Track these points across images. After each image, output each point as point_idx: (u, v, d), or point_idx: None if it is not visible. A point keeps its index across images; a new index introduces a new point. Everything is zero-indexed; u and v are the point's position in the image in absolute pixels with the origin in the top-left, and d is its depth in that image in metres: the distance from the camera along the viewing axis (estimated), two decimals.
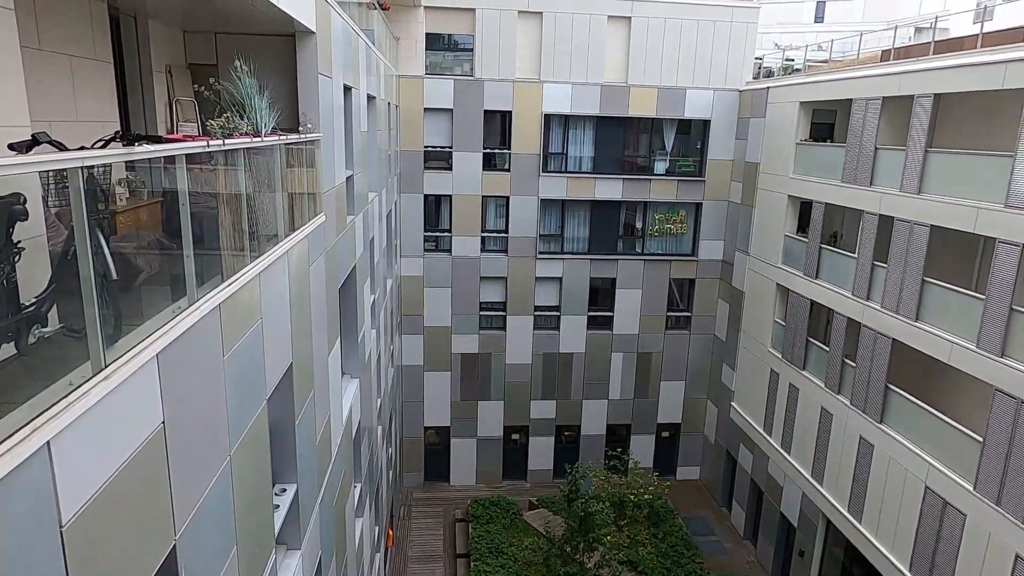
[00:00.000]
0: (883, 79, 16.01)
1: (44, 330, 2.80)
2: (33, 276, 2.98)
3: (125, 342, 3.30)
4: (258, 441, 5.71)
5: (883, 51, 18.48)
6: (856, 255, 16.85)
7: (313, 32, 8.05)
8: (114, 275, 3.18)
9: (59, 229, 3.22)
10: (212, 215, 4.97)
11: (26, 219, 2.57)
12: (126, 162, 3.72)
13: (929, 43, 16.14)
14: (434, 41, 22.08)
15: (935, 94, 14.38)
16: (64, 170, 2.78)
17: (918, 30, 26.97)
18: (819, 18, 52.17)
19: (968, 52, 14.03)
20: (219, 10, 7.19)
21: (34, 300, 2.76)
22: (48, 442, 2.51)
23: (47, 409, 2.57)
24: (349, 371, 11.91)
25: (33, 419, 2.47)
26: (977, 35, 14.39)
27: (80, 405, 2.75)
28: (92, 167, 2.96)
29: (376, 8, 15.67)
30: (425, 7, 21.34)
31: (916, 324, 14.71)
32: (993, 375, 12.64)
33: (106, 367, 2.99)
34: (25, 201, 2.57)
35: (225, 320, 4.67)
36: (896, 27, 18.93)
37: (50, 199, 3.07)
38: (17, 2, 4.63)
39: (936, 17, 18.32)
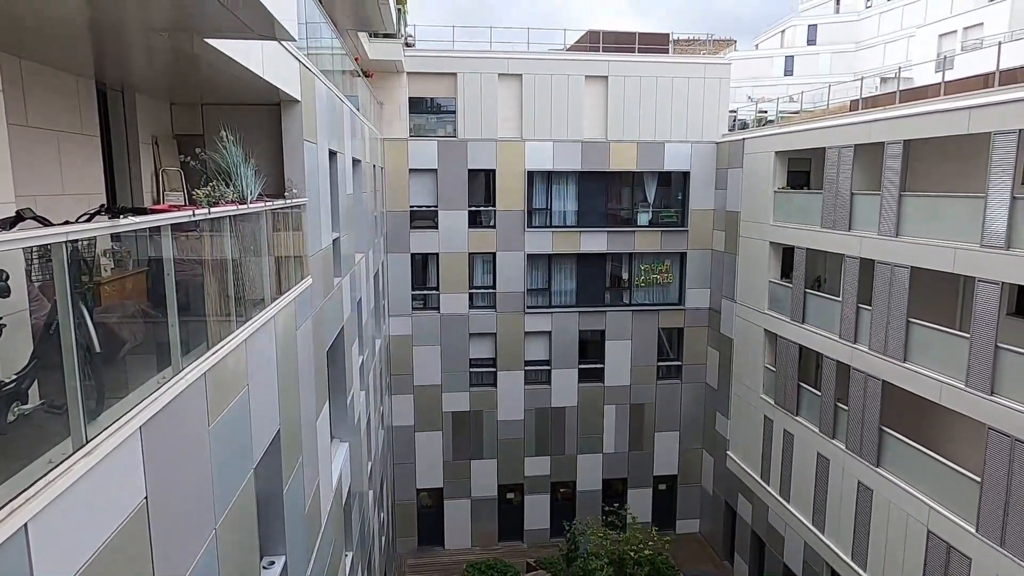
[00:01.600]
0: (853, 127, 16.53)
1: (24, 407, 2.75)
2: (14, 352, 2.94)
3: (108, 416, 3.24)
4: (245, 512, 5.56)
5: (852, 101, 19.15)
6: (840, 298, 17.03)
7: (298, 101, 8.24)
8: (97, 348, 3.15)
9: (43, 303, 3.20)
10: (198, 282, 4.97)
11: (7, 296, 2.56)
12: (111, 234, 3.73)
13: (895, 92, 16.76)
14: (417, 104, 22.63)
15: (904, 140, 14.84)
16: (48, 245, 2.78)
17: (883, 80, 28.08)
18: (788, 71, 54.12)
19: (932, 100, 14.56)
20: (205, 83, 7.35)
21: (15, 377, 2.72)
22: (25, 524, 2.44)
23: (24, 490, 2.50)
24: (338, 435, 11.71)
25: (9, 501, 2.40)
26: (940, 83, 14.98)
27: (60, 484, 2.68)
28: (76, 241, 2.97)
29: (360, 76, 16.11)
30: (408, 73, 21.95)
31: (905, 365, 14.76)
32: (985, 413, 12.64)
33: (87, 443, 2.93)
34: (7, 277, 2.56)
35: (210, 389, 4.61)
36: (862, 78, 19.68)
37: (34, 272, 3.07)
38: (5, 81, 4.73)
39: (899, 68, 19.08)
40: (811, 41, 54.27)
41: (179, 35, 4.97)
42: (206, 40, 5.05)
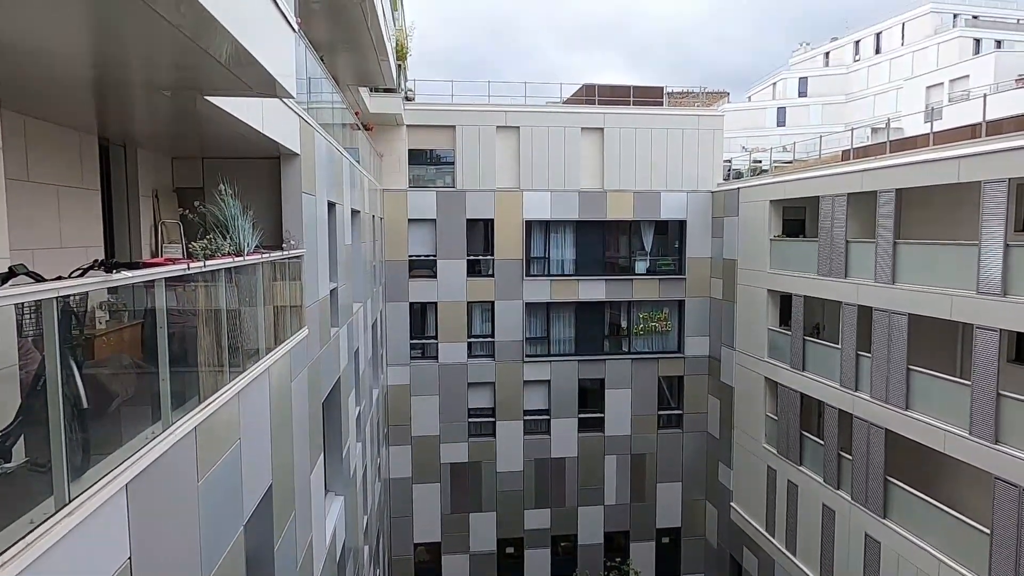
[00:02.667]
0: (846, 177, 16.78)
1: (6, 465, 2.71)
2: (1, 406, 2.91)
3: (93, 473, 3.18)
4: (234, 571, 5.41)
5: (843, 151, 19.50)
6: (840, 346, 16.97)
7: (297, 154, 8.39)
8: (85, 404, 3.12)
9: (33, 356, 3.19)
10: (192, 334, 4.96)
11: None
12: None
13: (885, 142, 17.07)
14: (417, 156, 23.01)
15: (896, 189, 15.04)
16: (39, 301, 2.79)
17: (874, 130, 28.63)
18: (781, 122, 55.28)
19: (922, 150, 14.82)
20: (206, 137, 7.49)
21: None
22: None
23: (3, 552, 2.44)
24: (333, 488, 11.49)
25: None
26: (929, 134, 15.27)
27: (40, 544, 2.62)
28: (68, 297, 2.98)
29: (360, 129, 16.44)
30: (407, 126, 22.40)
31: (907, 413, 14.61)
32: (991, 463, 12.45)
33: (70, 502, 2.88)
34: None
35: (201, 443, 4.55)
36: (853, 129, 20.09)
37: (26, 325, 3.06)
38: (8, 138, 4.81)
39: (889, 119, 19.47)
40: (802, 93, 55.63)
41: (181, 93, 5.10)
42: (207, 98, 5.17)
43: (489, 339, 23.33)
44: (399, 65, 19.26)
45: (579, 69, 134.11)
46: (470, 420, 23.30)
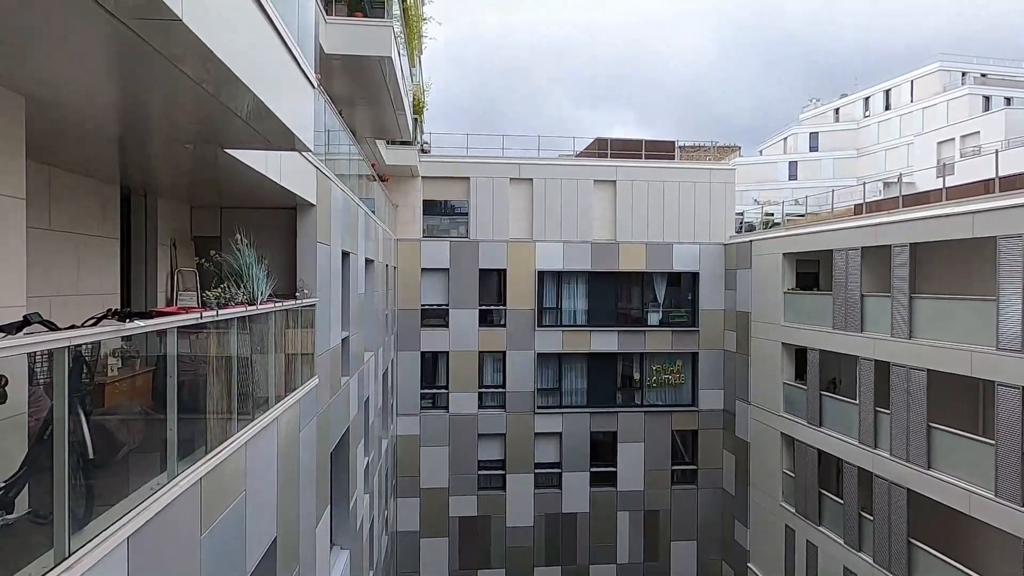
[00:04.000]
0: (859, 231, 16.76)
1: (8, 516, 2.67)
2: (6, 458, 2.90)
3: (95, 526, 3.14)
4: None
5: (856, 204, 19.53)
6: (857, 401, 16.64)
7: (313, 204, 8.53)
8: (91, 454, 3.10)
9: (43, 403, 3.19)
10: (202, 381, 4.95)
11: (4, 402, 2.55)
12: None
13: (898, 197, 17.10)
14: (431, 207, 23.33)
15: (910, 243, 14.98)
16: (52, 350, 2.80)
17: (886, 184, 28.74)
18: (792, 176, 55.68)
19: (935, 204, 14.82)
20: (225, 188, 7.65)
21: (2, 485, 2.67)
22: None
23: None
24: (339, 542, 11.25)
25: None
26: (941, 189, 15.29)
27: None
28: (80, 346, 2.99)
29: (376, 180, 16.74)
30: (423, 177, 22.80)
31: (929, 473, 14.19)
32: (1019, 526, 11.99)
33: (70, 555, 2.82)
34: (6, 383, 2.57)
35: (205, 495, 4.49)
36: (864, 183, 20.17)
37: (38, 372, 3.07)
38: (32, 189, 4.93)
39: (900, 174, 19.55)
40: (813, 147, 56.18)
41: (203, 146, 5.23)
42: (227, 150, 5.30)
43: (500, 389, 23.13)
44: (415, 119, 19.72)
45: (590, 123, 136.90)
46: (480, 472, 22.91)
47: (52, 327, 2.95)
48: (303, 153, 7.68)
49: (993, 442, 12.72)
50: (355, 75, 11.97)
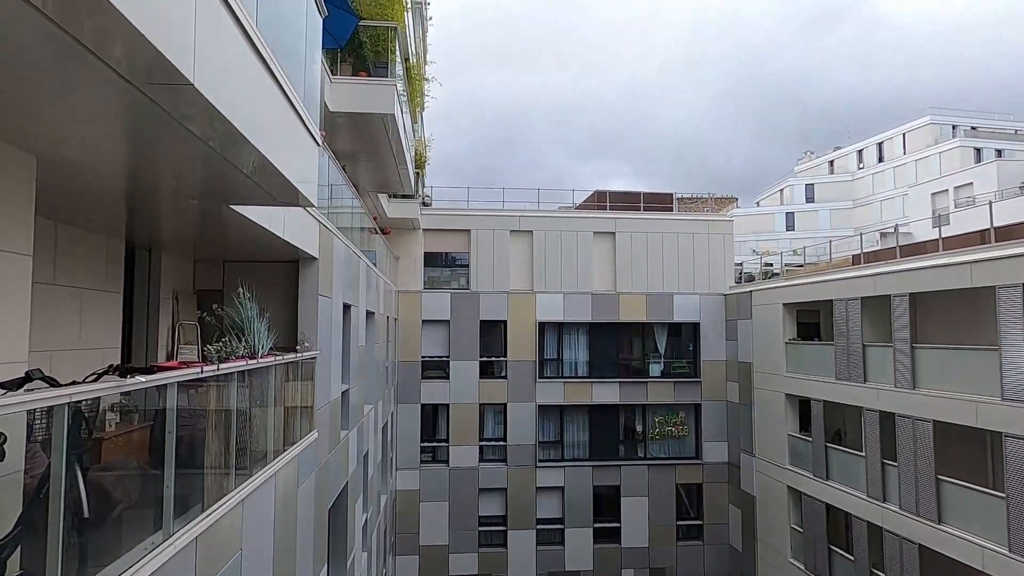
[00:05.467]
0: (858, 281, 16.83)
1: None
2: (1, 515, 2.86)
3: None
4: None
5: (854, 255, 19.68)
6: (864, 453, 16.39)
7: (316, 258, 8.61)
8: (86, 513, 3.05)
9: (40, 459, 3.16)
10: (200, 436, 4.91)
11: (2, 459, 2.53)
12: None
13: (895, 247, 17.24)
14: (432, 258, 23.51)
15: (909, 293, 15.03)
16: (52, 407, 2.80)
17: (883, 235, 29.00)
18: (790, 226, 56.23)
19: (933, 255, 14.93)
20: (229, 242, 7.74)
21: None
22: None
23: None
24: None
25: None
26: (938, 239, 15.43)
27: None
28: (80, 402, 2.99)
29: (378, 232, 16.92)
30: (424, 229, 23.05)
31: (940, 527, 13.87)
32: None
33: None
34: (5, 440, 2.55)
35: (201, 554, 4.39)
36: (861, 234, 20.38)
37: (36, 428, 3.05)
38: (40, 245, 5.00)
39: (897, 225, 19.76)
40: (809, 199, 56.93)
41: (208, 202, 5.33)
42: (232, 206, 5.38)
43: (501, 442, 22.82)
44: (417, 173, 20.07)
45: (588, 177, 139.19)
46: (480, 529, 22.39)
47: (53, 383, 2.95)
48: (306, 208, 7.80)
49: (1003, 495, 12.47)
50: (359, 131, 12.25)
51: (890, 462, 15.48)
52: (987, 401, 12.83)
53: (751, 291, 22.23)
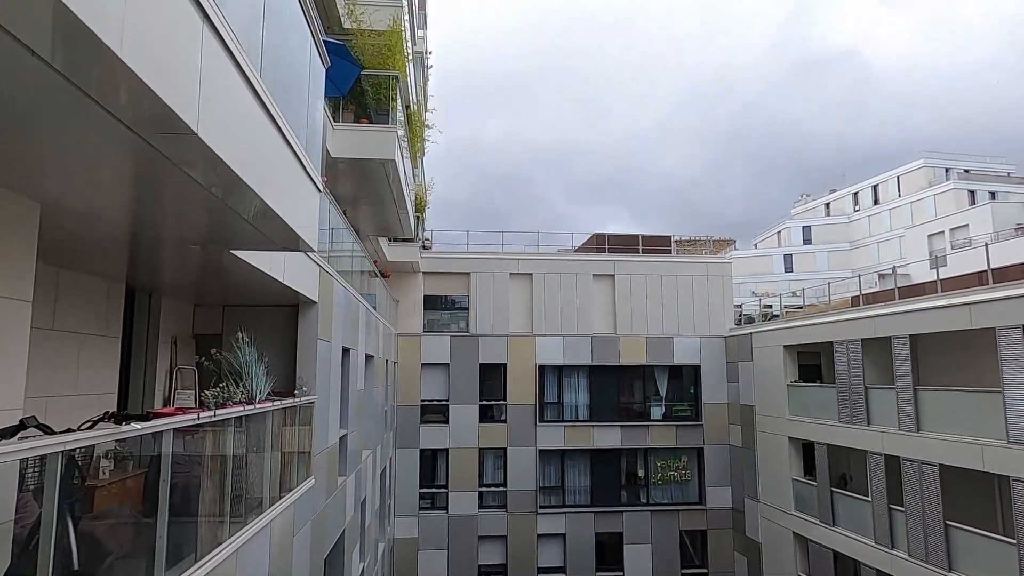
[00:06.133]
0: (858, 322, 16.81)
1: None
2: None
3: None
4: None
5: (853, 297, 19.70)
6: (870, 498, 16.11)
7: (315, 302, 8.61)
8: (76, 564, 2.98)
9: (31, 508, 3.10)
10: (195, 483, 4.83)
11: None
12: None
13: (893, 289, 17.28)
14: (432, 301, 23.52)
15: (909, 335, 14.99)
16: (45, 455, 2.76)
17: (881, 276, 29.10)
18: (788, 268, 56.45)
19: (931, 296, 14.95)
20: (229, 286, 7.75)
21: None
22: None
23: None
24: None
25: None
26: (936, 281, 15.47)
27: None
28: (74, 450, 2.95)
29: (378, 276, 16.97)
30: (424, 272, 23.13)
31: (951, 575, 13.52)
32: None
33: None
34: None
35: None
36: (860, 276, 20.44)
37: (29, 476, 3.01)
38: (40, 291, 5.01)
39: (895, 266, 19.84)
40: (806, 241, 57.32)
41: (209, 247, 5.36)
42: (233, 251, 5.42)
43: (501, 488, 22.44)
44: (417, 217, 20.25)
45: (587, 220, 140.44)
46: None
47: (47, 431, 2.92)
48: (307, 252, 7.85)
49: (1014, 541, 12.21)
50: (360, 176, 12.40)
51: (897, 507, 15.20)
52: (993, 444, 12.68)
53: (751, 333, 22.18)
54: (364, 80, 11.66)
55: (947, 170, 50.29)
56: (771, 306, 27.41)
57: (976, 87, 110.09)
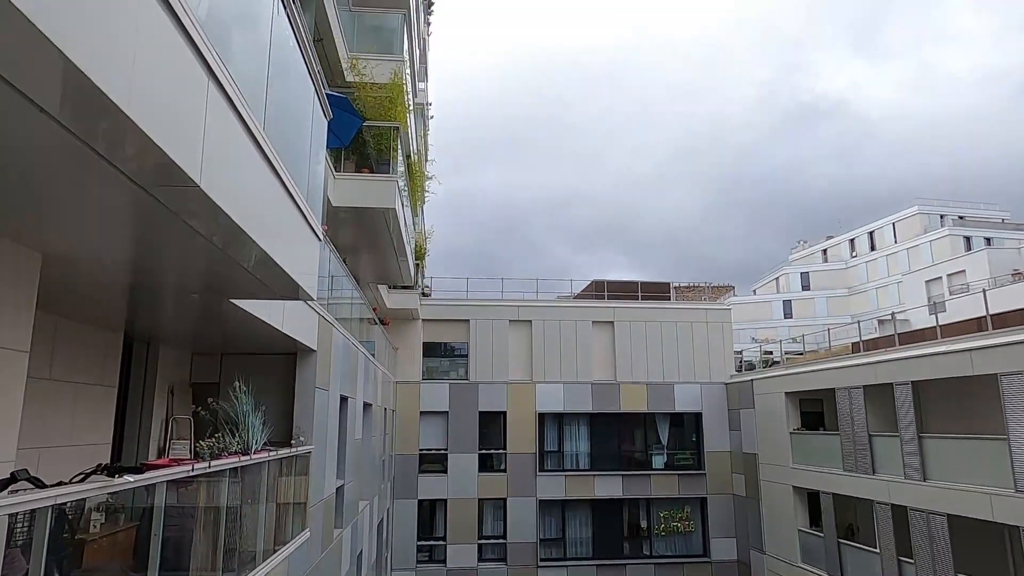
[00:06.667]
0: (859, 369, 16.72)
1: None
2: None
3: None
4: None
5: (853, 343, 19.67)
6: (878, 550, 15.73)
7: (314, 350, 8.58)
8: None
9: (19, 565, 3.02)
10: (188, 538, 4.73)
11: None
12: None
13: (894, 335, 17.25)
14: (431, 349, 23.43)
15: (911, 381, 14.89)
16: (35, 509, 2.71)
17: (880, 322, 29.09)
18: (787, 314, 56.45)
19: (932, 342, 14.91)
20: (228, 335, 7.73)
21: None
22: None
23: None
24: None
25: None
26: (935, 327, 15.47)
27: None
28: (65, 504, 2.90)
29: (377, 323, 16.95)
30: (423, 320, 23.10)
31: None
32: None
33: None
34: None
35: None
36: (859, 322, 20.44)
37: (18, 528, 2.94)
38: (38, 339, 5.00)
39: (894, 313, 19.85)
40: (805, 286, 57.51)
41: (208, 296, 5.37)
42: (232, 300, 5.42)
43: (501, 540, 21.92)
44: (417, 264, 20.36)
45: (586, 267, 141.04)
46: None
47: (38, 484, 2.88)
48: (306, 301, 7.86)
49: None
50: (361, 225, 12.52)
51: (906, 559, 14.84)
52: (1001, 493, 12.45)
53: (752, 379, 22.03)
54: (366, 131, 11.88)
55: (941, 216, 50.84)
56: (771, 352, 27.32)
57: (962, 135, 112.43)
